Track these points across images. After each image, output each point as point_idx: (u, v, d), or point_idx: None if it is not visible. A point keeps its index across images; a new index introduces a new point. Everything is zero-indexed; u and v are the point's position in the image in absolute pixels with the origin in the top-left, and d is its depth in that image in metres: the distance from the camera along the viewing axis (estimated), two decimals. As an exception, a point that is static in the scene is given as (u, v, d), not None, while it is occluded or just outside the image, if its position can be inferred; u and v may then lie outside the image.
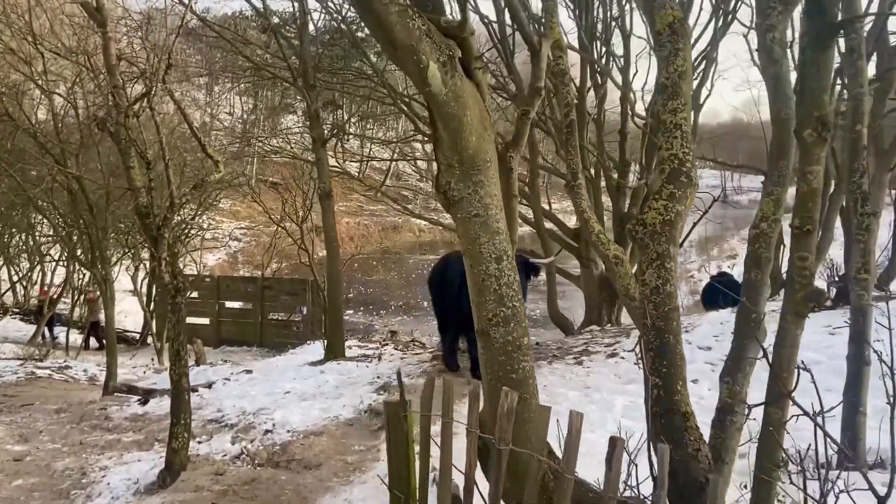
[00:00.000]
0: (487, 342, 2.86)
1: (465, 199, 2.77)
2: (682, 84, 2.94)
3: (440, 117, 2.70)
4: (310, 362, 10.32)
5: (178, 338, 5.26)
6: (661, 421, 2.77)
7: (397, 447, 3.06)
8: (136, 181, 5.38)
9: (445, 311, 8.30)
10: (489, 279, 2.78)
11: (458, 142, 2.73)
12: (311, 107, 9.52)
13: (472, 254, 2.79)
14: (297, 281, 20.77)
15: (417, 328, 25.45)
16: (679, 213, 2.85)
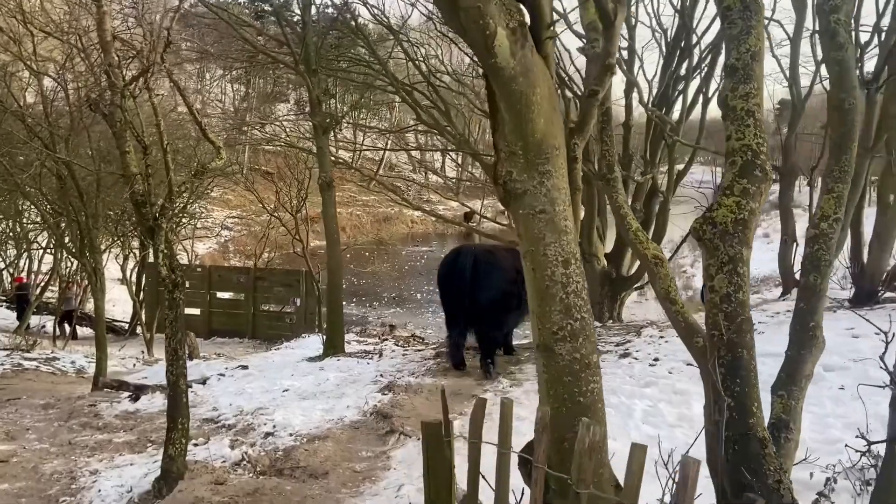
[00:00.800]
0: (551, 359, 2.50)
1: (528, 193, 2.42)
2: (755, 66, 2.61)
3: (504, 96, 2.35)
4: (308, 358, 10.00)
5: (176, 336, 4.91)
6: (735, 447, 2.45)
7: (436, 475, 2.68)
8: (132, 167, 5.01)
9: (456, 306, 7.99)
10: (554, 286, 2.43)
11: (524, 125, 2.37)
12: (312, 93, 9.15)
13: (535, 256, 2.43)
14: (290, 272, 20.39)
15: (411, 321, 25.27)
16: (753, 211, 2.53)
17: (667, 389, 6.31)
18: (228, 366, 9.88)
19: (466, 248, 8.51)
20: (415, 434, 5.62)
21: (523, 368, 7.93)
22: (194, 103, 22.38)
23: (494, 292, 7.82)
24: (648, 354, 7.64)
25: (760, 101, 2.63)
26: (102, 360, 8.96)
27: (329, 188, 9.38)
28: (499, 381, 7.39)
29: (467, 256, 7.98)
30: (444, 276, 8.33)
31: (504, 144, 2.40)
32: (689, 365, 7.08)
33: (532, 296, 2.47)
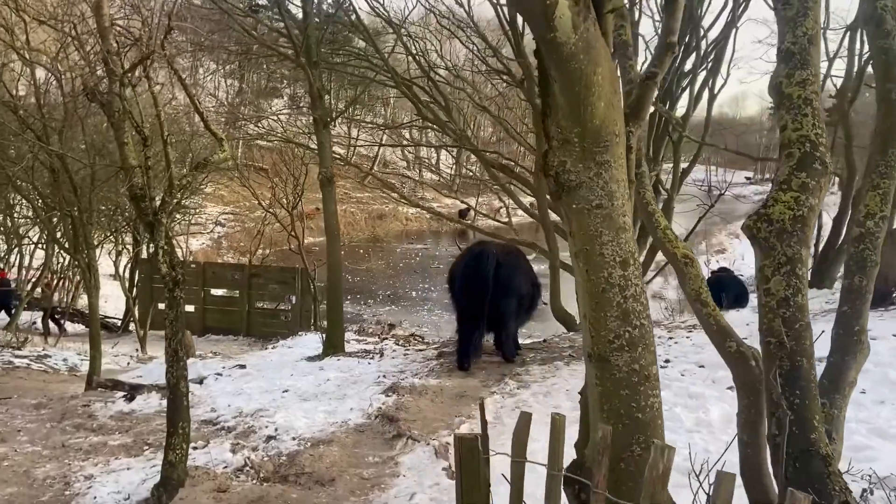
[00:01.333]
0: (606, 370, 2.27)
1: (584, 185, 2.18)
2: (812, 51, 2.42)
3: (561, 75, 2.11)
4: (307, 357, 9.78)
5: (176, 336, 4.70)
6: (796, 465, 2.26)
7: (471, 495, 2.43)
8: (131, 159, 4.78)
9: (479, 306, 7.83)
10: (611, 290, 2.20)
11: (582, 109, 2.14)
12: (313, 86, 8.91)
13: (590, 257, 2.20)
14: (286, 269, 20.15)
15: (406, 318, 25.15)
16: (812, 208, 2.34)
17: (681, 393, 6.13)
18: (226, 365, 9.65)
19: (486, 248, 8.35)
20: (423, 438, 5.43)
21: (530, 370, 7.74)
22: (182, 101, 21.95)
23: (516, 291, 8.02)
24: (658, 356, 7.42)
25: (818, 88, 2.44)
26: (96, 359, 8.73)
27: (329, 183, 9.16)
28: (505, 382, 7.19)
29: (489, 256, 7.88)
30: (464, 277, 8.17)
31: (557, 131, 2.16)
32: (701, 367, 6.93)
33: (585, 300, 2.24)
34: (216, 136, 4.97)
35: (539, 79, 2.24)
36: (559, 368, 7.60)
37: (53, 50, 8.12)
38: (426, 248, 46.47)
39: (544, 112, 2.23)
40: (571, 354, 8.34)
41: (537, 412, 6.15)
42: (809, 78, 2.40)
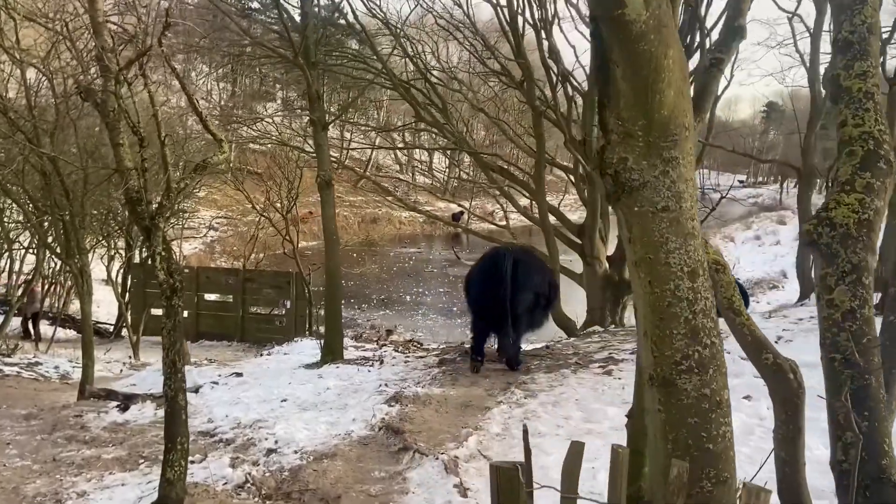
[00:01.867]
0: (672, 395, 2.02)
1: (648, 186, 1.95)
2: (872, 40, 2.23)
3: (628, 58, 1.89)
4: (305, 364, 9.56)
5: (175, 346, 4.47)
6: (866, 494, 2.06)
7: None
8: (126, 161, 4.56)
9: (498, 310, 7.84)
10: (678, 304, 1.96)
11: (650, 97, 1.91)
12: (311, 87, 8.70)
13: (654, 266, 1.97)
14: (280, 273, 19.90)
15: (401, 323, 24.93)
16: (878, 211, 2.14)
17: (695, 402, 5.94)
18: (221, 373, 9.42)
19: (504, 252, 8.45)
20: (431, 452, 5.21)
21: (535, 378, 7.53)
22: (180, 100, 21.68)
23: (533, 294, 8.15)
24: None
25: (878, 81, 2.25)
26: (89, 367, 8.47)
27: (328, 187, 8.95)
28: (511, 391, 6.98)
29: (507, 259, 7.94)
30: (482, 281, 8.28)
31: (617, 124, 1.93)
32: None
33: (646, 315, 2.00)
34: (215, 137, 4.75)
35: (598, 66, 2.02)
36: (566, 377, 7.39)
37: (44, 49, 7.88)
38: (419, 251, 46.32)
39: (601, 103, 2.00)
40: (578, 362, 8.14)
41: (547, 424, 5.98)
42: (870, 70, 2.21)
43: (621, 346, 9.44)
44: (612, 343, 10.00)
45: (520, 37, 12.49)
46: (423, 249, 47.08)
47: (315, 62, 8.79)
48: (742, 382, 6.27)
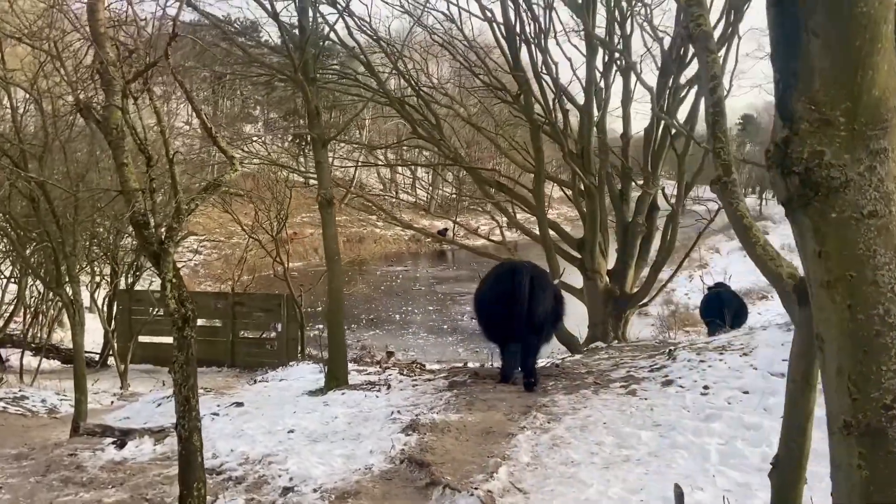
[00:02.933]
0: (879, 448, 1.65)
1: (852, 185, 1.61)
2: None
3: (836, 23, 1.57)
4: (308, 392, 9.15)
5: (188, 381, 4.11)
6: None
7: None
8: (131, 182, 4.22)
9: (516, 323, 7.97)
10: (889, 333, 1.60)
11: (860, 74, 1.58)
12: (311, 103, 8.40)
13: (856, 285, 1.64)
14: (271, 296, 19.46)
15: (391, 342, 24.57)
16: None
17: (735, 424, 5.64)
18: (221, 403, 8.99)
19: (518, 266, 8.57)
20: (462, 487, 4.86)
21: (556, 400, 7.22)
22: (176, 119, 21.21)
23: (548, 307, 8.35)
24: (695, 382, 6.98)
25: None
26: (82, 403, 8.04)
27: (329, 206, 8.63)
28: (533, 416, 6.66)
29: (523, 274, 8.04)
30: (498, 296, 8.27)
31: (807, 109, 1.56)
32: (746, 393, 6.46)
33: (842, 347, 1.63)
34: (226, 154, 4.43)
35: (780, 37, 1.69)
36: (588, 398, 7.09)
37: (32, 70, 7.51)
38: (406, 270, 46.01)
39: (786, 84, 1.67)
40: (596, 382, 7.83)
41: (579, 451, 5.65)
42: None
43: (635, 362, 9.16)
44: (624, 360, 9.71)
45: (517, 49, 12.31)
46: (409, 267, 46.82)
47: (314, 78, 8.50)
48: (778, 402, 6.00)
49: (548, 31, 12.88)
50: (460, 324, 28.68)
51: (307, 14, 8.32)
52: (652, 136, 13.92)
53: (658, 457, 5.29)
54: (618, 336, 13.82)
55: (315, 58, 8.65)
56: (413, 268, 46.86)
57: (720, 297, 15.13)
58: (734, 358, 7.52)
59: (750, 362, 7.24)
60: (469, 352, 23.39)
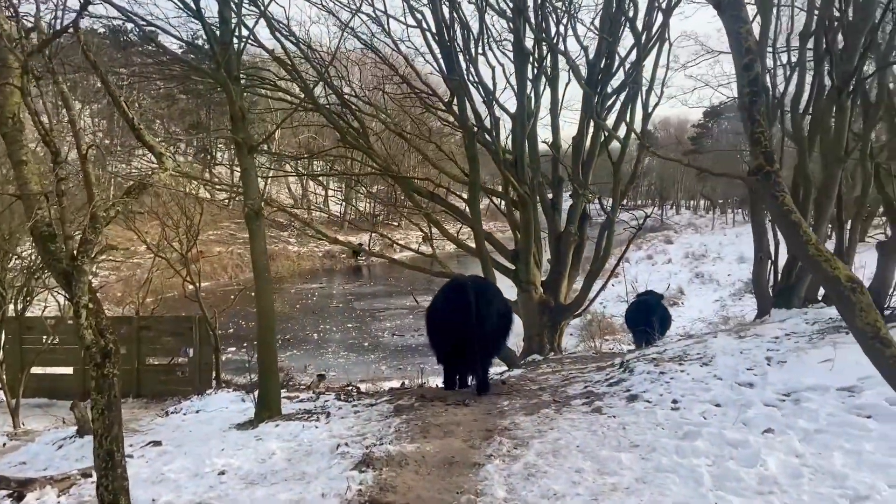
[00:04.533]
0: None
1: None
2: None
3: None
4: (236, 424, 8.24)
5: (111, 431, 3.31)
6: None
7: None
8: (32, 184, 3.38)
9: (456, 339, 8.28)
10: None
11: None
12: (235, 104, 7.57)
13: None
14: (181, 318, 18.05)
15: (310, 363, 23.73)
16: None
17: (717, 441, 5.24)
18: (134, 442, 7.93)
19: (465, 282, 8.75)
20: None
21: (517, 422, 6.65)
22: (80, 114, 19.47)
23: (496, 322, 8.50)
24: (661, 396, 6.59)
25: None
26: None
27: (258, 217, 7.80)
28: (497, 441, 6.07)
29: (468, 290, 8.20)
30: (449, 312, 8.41)
31: None
32: (718, 406, 6.11)
33: None
34: (153, 150, 3.65)
35: None
36: (552, 419, 6.57)
37: None
38: (322, 286, 44.93)
39: None
40: (555, 400, 7.34)
41: (559, 481, 5.05)
42: None
43: (586, 376, 8.76)
44: (572, 373, 9.32)
45: (451, 53, 11.81)
46: (324, 284, 45.73)
47: (238, 76, 7.69)
48: (757, 414, 5.68)
49: (479, 37, 12.50)
50: (382, 340, 27.97)
51: (229, 5, 7.50)
52: (581, 145, 13.74)
53: (647, 483, 4.81)
54: (553, 348, 13.49)
55: (238, 55, 7.84)
56: (328, 284, 45.80)
57: (648, 304, 15.10)
58: (695, 368, 7.21)
59: (713, 372, 6.94)
60: (392, 369, 22.71)
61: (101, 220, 3.35)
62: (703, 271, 41.15)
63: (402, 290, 41.19)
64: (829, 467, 4.57)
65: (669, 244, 53.01)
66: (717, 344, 7.92)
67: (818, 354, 6.60)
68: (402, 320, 31.62)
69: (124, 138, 42.89)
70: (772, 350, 7.23)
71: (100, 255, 3.49)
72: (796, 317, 8.67)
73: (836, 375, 6.00)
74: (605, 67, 13.75)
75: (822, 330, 7.73)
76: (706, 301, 33.76)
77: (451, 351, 8.73)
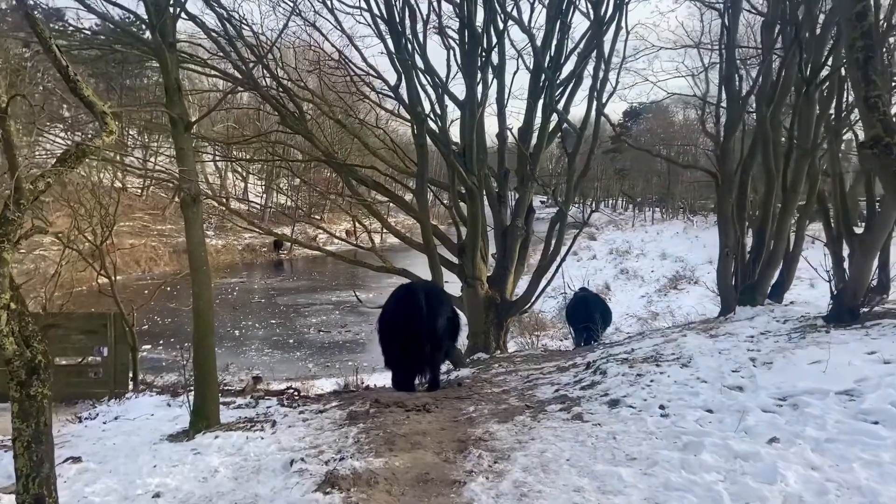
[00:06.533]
0: None
1: None
2: None
3: None
4: (168, 436, 7.31)
5: (39, 471, 2.53)
6: None
7: None
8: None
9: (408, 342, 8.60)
10: None
11: None
12: (170, 74, 6.67)
13: None
14: (94, 315, 16.58)
15: (233, 361, 22.60)
16: None
17: (725, 453, 4.81)
18: (47, 458, 6.91)
19: (417, 286, 9.30)
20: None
21: (492, 431, 6.08)
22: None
23: (446, 324, 9.04)
24: (645, 401, 6.16)
25: None
26: None
27: (195, 203, 6.92)
28: (475, 455, 5.47)
29: (419, 293, 8.74)
30: (402, 315, 8.74)
31: None
32: (710, 412, 5.72)
33: None
34: (92, 109, 2.86)
35: None
36: (531, 427, 6.03)
37: None
38: (242, 281, 43.31)
39: None
40: (528, 405, 6.81)
41: (556, 502, 4.53)
42: None
43: (549, 377, 8.29)
44: (533, 374, 8.84)
45: (399, 34, 11.10)
46: (245, 279, 44.10)
47: (173, 43, 6.78)
48: (757, 420, 5.30)
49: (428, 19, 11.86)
50: (307, 337, 26.98)
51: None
52: (528, 135, 13.30)
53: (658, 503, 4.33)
54: (499, 346, 13.02)
55: (174, 21, 6.91)
56: (249, 279, 44.21)
57: (587, 300, 14.86)
58: (675, 370, 6.84)
59: (695, 375, 6.58)
60: (320, 367, 21.83)
61: (27, 195, 2.54)
62: (627, 267, 41.84)
63: (326, 286, 40.16)
64: (854, 481, 4.21)
65: (593, 241, 53.83)
66: (691, 343, 7.59)
67: (805, 355, 6.32)
68: (329, 316, 30.70)
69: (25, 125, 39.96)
70: (753, 350, 6.93)
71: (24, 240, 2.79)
72: (763, 314, 8.47)
73: (830, 378, 5.71)
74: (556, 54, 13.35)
75: (798, 329, 7.51)
76: (633, 297, 34.23)
77: (401, 352, 8.84)
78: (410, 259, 22.64)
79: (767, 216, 9.40)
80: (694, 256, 40.43)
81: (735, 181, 9.47)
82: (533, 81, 13.60)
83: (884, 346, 6.20)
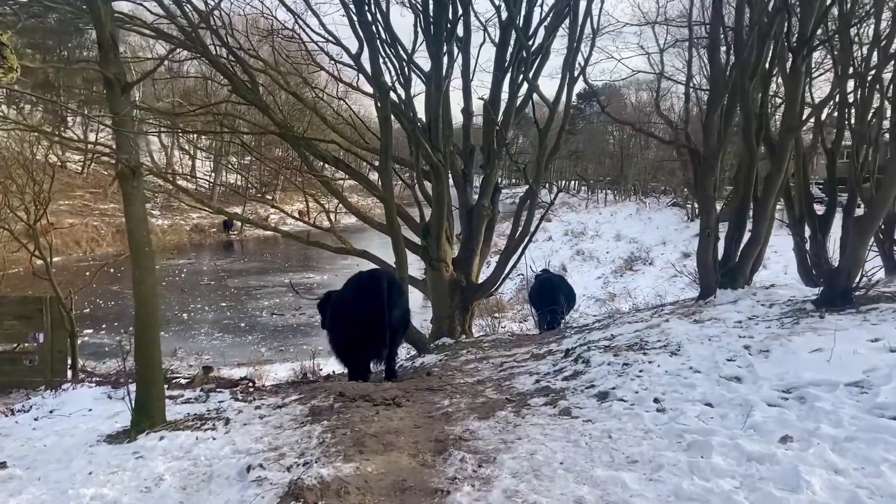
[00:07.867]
0: None
1: None
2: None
3: None
4: (106, 436, 6.52)
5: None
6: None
7: None
8: None
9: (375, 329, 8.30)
10: None
11: None
12: (105, 27, 5.83)
13: None
14: (28, 299, 15.49)
15: (181, 346, 21.88)
16: None
17: (737, 456, 4.33)
18: (-35, 465, 6.08)
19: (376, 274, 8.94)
20: None
21: (472, 429, 5.51)
22: None
23: (405, 311, 9.06)
24: (637, 394, 5.67)
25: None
26: None
27: (135, 177, 6.12)
28: (457, 458, 4.90)
29: (382, 280, 8.49)
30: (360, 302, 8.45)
31: None
32: (709, 406, 5.26)
33: None
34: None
35: None
36: (515, 424, 5.48)
37: None
38: (191, 262, 41.95)
39: None
40: (509, 399, 6.26)
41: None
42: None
43: (527, 366, 7.76)
44: (508, 362, 8.32)
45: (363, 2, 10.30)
46: (193, 260, 42.71)
47: (107, -8, 5.94)
48: (765, 416, 4.85)
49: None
50: (259, 321, 26.10)
51: None
52: (496, 108, 12.69)
53: (664, 512, 3.82)
54: (464, 330, 12.48)
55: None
56: (198, 261, 42.82)
57: (552, 283, 14.41)
58: (664, 359, 6.37)
59: (687, 364, 6.13)
60: (273, 351, 21.08)
61: None
62: (583, 248, 41.82)
63: (279, 267, 39.09)
64: (887, 488, 3.77)
65: (548, 222, 53.76)
66: (676, 329, 7.14)
67: (804, 343, 5.91)
68: (281, 299, 29.81)
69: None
70: (745, 337, 6.51)
71: None
72: (747, 298, 8.09)
73: (837, 368, 5.30)
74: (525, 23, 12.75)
75: (788, 313, 7.14)
76: (589, 278, 34.16)
77: (358, 340, 8.59)
78: (366, 240, 21.91)
79: (748, 195, 9.04)
80: (648, 237, 40.64)
81: (718, 158, 9.05)
82: (500, 52, 12.98)
83: (888, 333, 5.83)
